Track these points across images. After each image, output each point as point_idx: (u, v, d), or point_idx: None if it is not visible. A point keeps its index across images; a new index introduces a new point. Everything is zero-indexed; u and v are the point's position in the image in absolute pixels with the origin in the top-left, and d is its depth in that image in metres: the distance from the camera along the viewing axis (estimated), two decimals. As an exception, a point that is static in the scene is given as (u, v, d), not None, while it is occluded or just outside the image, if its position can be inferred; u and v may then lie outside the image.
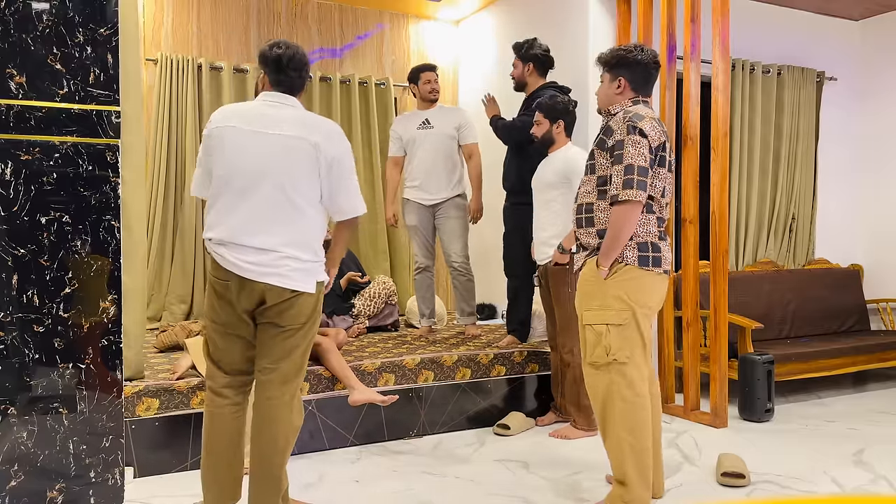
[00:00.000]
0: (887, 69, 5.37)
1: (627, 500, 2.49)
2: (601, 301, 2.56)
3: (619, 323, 2.53)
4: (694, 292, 3.89)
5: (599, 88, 2.78)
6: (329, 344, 3.44)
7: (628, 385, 2.52)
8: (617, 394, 2.52)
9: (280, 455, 2.36)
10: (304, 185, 2.34)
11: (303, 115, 2.39)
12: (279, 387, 2.36)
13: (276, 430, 2.35)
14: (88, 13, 2.32)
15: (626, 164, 2.50)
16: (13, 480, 2.22)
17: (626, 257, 2.54)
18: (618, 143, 2.55)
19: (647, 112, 2.59)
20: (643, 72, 2.67)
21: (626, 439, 2.50)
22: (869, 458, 3.26)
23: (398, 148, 4.37)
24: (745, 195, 5.08)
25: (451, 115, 4.31)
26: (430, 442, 3.53)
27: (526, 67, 4.01)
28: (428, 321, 4.43)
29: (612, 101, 2.71)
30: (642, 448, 2.51)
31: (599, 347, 2.55)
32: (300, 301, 2.34)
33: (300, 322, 2.36)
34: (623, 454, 2.50)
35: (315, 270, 2.38)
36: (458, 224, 4.26)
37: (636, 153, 2.50)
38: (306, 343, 2.42)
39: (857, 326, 5.17)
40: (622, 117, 2.58)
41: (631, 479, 2.49)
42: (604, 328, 2.54)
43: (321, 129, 2.38)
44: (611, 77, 2.71)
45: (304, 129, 2.35)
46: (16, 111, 2.22)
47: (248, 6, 5.02)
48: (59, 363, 2.28)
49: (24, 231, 2.23)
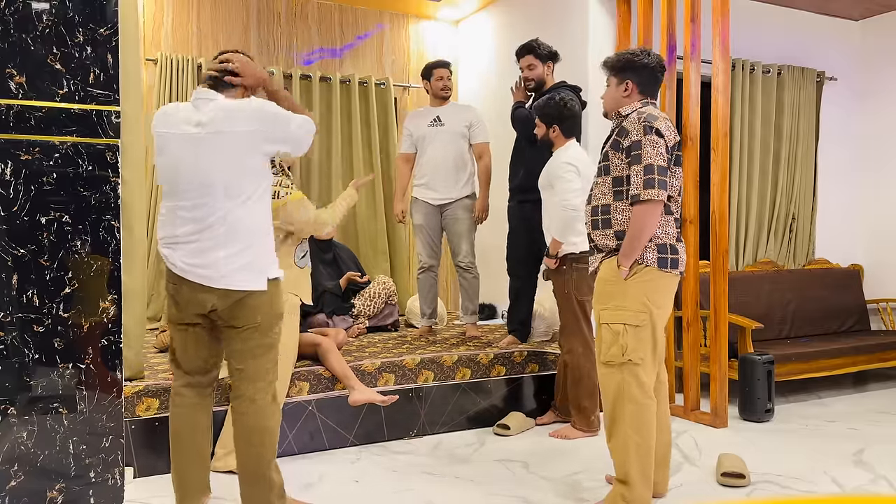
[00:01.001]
0: (887, 69, 5.37)
1: (629, 499, 2.51)
2: (620, 301, 2.57)
3: (637, 324, 2.54)
4: (694, 292, 3.89)
5: (605, 92, 2.78)
6: (329, 344, 3.44)
7: (639, 386, 2.54)
8: (627, 394, 2.54)
9: (256, 459, 2.34)
10: (238, 177, 2.25)
11: (223, 104, 2.27)
12: (249, 387, 2.34)
13: (251, 432, 2.34)
14: (88, 13, 2.32)
15: (645, 164, 2.51)
16: (13, 480, 2.22)
17: (646, 258, 2.55)
18: (634, 144, 2.55)
19: (659, 113, 2.61)
20: (650, 75, 2.69)
21: (632, 438, 2.52)
22: (869, 458, 3.26)
23: (409, 144, 4.39)
24: (745, 195, 5.08)
25: (463, 113, 4.31)
26: (430, 442, 3.53)
27: (546, 66, 4.00)
28: (429, 321, 4.43)
29: (619, 104, 2.72)
30: (647, 448, 2.53)
31: (615, 347, 2.56)
32: (251, 301, 2.28)
33: (256, 322, 2.30)
34: (628, 453, 2.52)
35: (264, 267, 2.31)
36: (465, 225, 4.26)
37: (655, 153, 2.51)
38: (270, 341, 2.36)
39: (857, 326, 5.17)
40: (636, 118, 2.58)
41: (633, 479, 2.51)
42: (621, 328, 2.55)
43: (235, 115, 2.25)
44: (617, 81, 2.72)
45: (226, 120, 2.24)
46: (16, 111, 2.22)
47: (248, 6, 5.02)
48: (59, 363, 2.28)
49: (24, 231, 2.23)
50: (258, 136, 2.25)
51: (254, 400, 2.33)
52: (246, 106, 2.27)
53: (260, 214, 2.32)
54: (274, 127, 2.28)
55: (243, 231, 2.26)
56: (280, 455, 3.24)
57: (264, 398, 2.34)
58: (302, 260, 3.18)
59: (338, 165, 5.15)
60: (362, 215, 5.25)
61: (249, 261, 2.27)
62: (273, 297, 2.34)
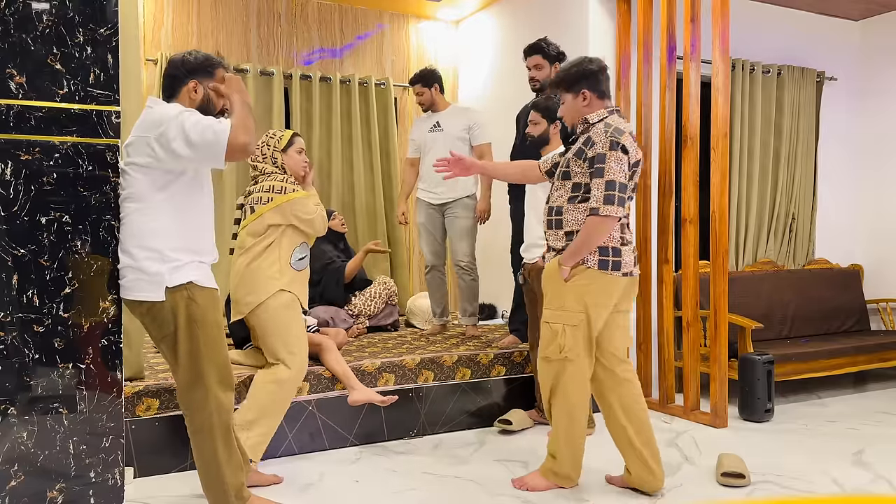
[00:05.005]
0: (887, 69, 5.37)
1: (556, 471, 2.85)
2: (561, 302, 2.74)
3: (575, 324, 2.72)
4: (694, 292, 3.89)
5: (563, 108, 2.88)
6: (329, 344, 3.45)
7: (572, 378, 2.76)
8: (562, 385, 2.78)
9: (200, 463, 2.40)
10: (138, 181, 2.28)
11: (145, 113, 2.32)
12: (183, 395, 2.39)
13: (192, 437, 2.41)
14: (88, 13, 2.31)
15: (607, 180, 2.62)
16: (13, 480, 2.22)
17: (587, 261, 2.70)
18: (599, 157, 2.65)
19: (625, 126, 2.73)
20: (599, 79, 2.79)
21: (562, 423, 2.81)
22: (869, 458, 3.26)
23: (414, 150, 4.50)
24: (745, 195, 5.08)
25: (462, 117, 4.33)
26: (430, 442, 3.53)
27: (554, 68, 3.99)
28: (440, 319, 4.49)
29: (582, 113, 2.81)
30: (578, 434, 2.82)
31: (554, 345, 2.76)
32: (154, 311, 2.30)
33: (168, 331, 2.32)
34: (559, 436, 2.83)
35: (160, 278, 2.27)
36: (466, 224, 4.29)
37: (618, 169, 2.64)
38: (189, 346, 2.33)
39: (857, 326, 5.17)
40: (603, 130, 2.69)
41: (562, 456, 2.83)
42: (560, 328, 2.74)
43: (145, 121, 2.29)
44: (573, 94, 2.81)
45: (140, 126, 2.30)
46: (16, 111, 2.22)
47: (248, 6, 5.02)
48: (59, 363, 2.28)
49: (24, 231, 2.23)
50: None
51: (188, 406, 2.40)
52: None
53: (160, 218, 2.33)
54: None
55: (143, 237, 2.32)
56: (280, 455, 3.24)
57: (201, 403, 2.39)
58: (299, 262, 3.17)
59: (338, 165, 5.15)
60: (363, 215, 5.25)
61: (146, 269, 2.31)
62: (175, 308, 2.32)
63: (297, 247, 3.14)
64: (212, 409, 2.36)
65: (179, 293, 2.30)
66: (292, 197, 3.05)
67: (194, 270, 2.33)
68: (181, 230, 2.32)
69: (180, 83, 2.38)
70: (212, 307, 2.37)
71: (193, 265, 2.34)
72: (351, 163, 5.23)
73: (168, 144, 2.22)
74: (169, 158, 2.24)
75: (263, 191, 3.08)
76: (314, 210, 3.12)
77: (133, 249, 2.29)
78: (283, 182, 3.08)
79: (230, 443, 2.41)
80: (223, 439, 2.39)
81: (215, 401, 2.37)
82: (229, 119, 2.28)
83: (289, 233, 3.10)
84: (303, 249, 3.18)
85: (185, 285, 2.31)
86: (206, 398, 2.35)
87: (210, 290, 2.38)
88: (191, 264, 2.33)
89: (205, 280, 2.37)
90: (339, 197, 5.18)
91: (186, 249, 2.33)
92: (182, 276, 2.30)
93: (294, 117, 5.06)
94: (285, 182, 3.09)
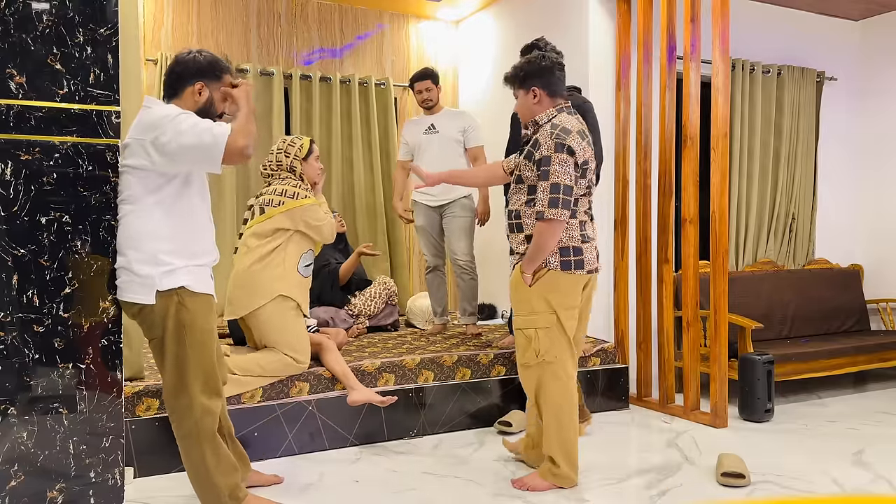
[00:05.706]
0: (887, 69, 5.37)
1: (555, 472, 2.84)
2: (529, 306, 2.76)
3: (547, 326, 2.74)
4: (694, 292, 3.89)
5: (517, 104, 2.87)
6: (329, 344, 3.45)
7: (555, 380, 2.79)
8: (544, 389, 2.81)
9: (189, 467, 2.41)
10: (133, 183, 2.28)
11: (142, 114, 2.31)
12: (169, 399, 2.38)
13: (179, 442, 2.41)
14: (88, 13, 2.31)
15: (552, 182, 2.62)
16: (13, 480, 2.22)
17: (549, 262, 2.71)
18: (544, 159, 2.65)
19: (573, 125, 2.69)
20: (551, 75, 2.77)
21: (553, 426, 2.82)
22: (869, 458, 3.26)
23: (406, 153, 4.46)
24: (745, 195, 5.08)
25: (457, 120, 4.33)
26: (430, 442, 3.53)
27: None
28: (441, 319, 4.50)
29: (533, 112, 2.80)
30: (569, 435, 2.83)
31: (529, 350, 2.79)
32: (144, 313, 2.31)
33: (157, 334, 2.33)
34: (552, 438, 2.83)
35: (151, 281, 2.27)
36: (463, 223, 4.29)
37: (563, 171, 2.63)
38: (176, 351, 2.33)
39: (857, 326, 5.17)
40: (549, 131, 2.67)
41: (558, 457, 2.83)
42: (533, 332, 2.76)
43: (141, 123, 2.28)
44: (524, 91, 2.80)
45: (136, 128, 2.29)
46: (16, 111, 2.22)
47: (248, 6, 5.02)
48: (59, 363, 2.28)
49: (24, 231, 2.23)
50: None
51: (174, 412, 2.40)
52: None
53: (151, 220, 2.32)
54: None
55: (134, 239, 2.32)
56: (280, 455, 3.24)
57: (184, 410, 2.39)
58: (306, 269, 3.20)
59: (338, 166, 5.15)
60: (363, 215, 5.25)
61: (138, 271, 2.30)
62: (167, 312, 2.31)
63: (305, 253, 3.16)
64: (197, 415, 2.36)
65: (170, 298, 2.29)
66: (304, 203, 3.08)
67: (187, 275, 2.32)
68: (174, 233, 2.31)
69: (185, 83, 2.38)
70: (202, 313, 2.35)
71: (187, 269, 2.32)
72: (351, 163, 5.23)
73: (163, 148, 2.22)
74: (164, 162, 2.24)
75: (275, 193, 3.10)
76: (324, 217, 3.14)
77: (127, 251, 2.29)
78: (296, 187, 3.11)
79: (217, 447, 2.40)
80: (210, 444, 2.38)
81: (200, 407, 2.36)
82: (228, 123, 2.27)
83: (296, 238, 3.12)
84: (309, 256, 3.20)
85: (177, 290, 2.30)
86: (191, 405, 2.35)
87: (203, 295, 2.36)
88: (184, 269, 2.32)
89: (198, 285, 2.34)
90: (340, 197, 5.18)
91: (181, 253, 2.31)
92: (174, 280, 2.29)
93: (294, 117, 5.06)
94: (298, 188, 3.11)
